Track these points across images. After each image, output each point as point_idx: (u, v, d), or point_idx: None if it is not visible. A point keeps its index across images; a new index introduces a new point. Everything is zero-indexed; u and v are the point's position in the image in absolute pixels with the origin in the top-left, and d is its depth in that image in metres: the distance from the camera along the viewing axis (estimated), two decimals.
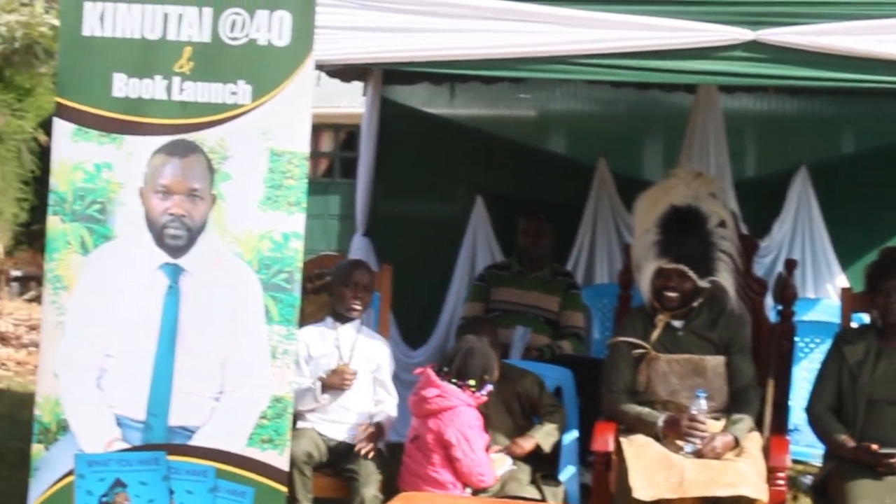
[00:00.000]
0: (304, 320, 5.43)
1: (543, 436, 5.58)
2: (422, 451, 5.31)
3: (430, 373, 5.38)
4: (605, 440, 5.28)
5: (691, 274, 5.34)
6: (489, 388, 5.39)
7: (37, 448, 5.01)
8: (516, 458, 5.51)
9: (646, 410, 5.32)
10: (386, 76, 8.27)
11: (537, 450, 5.55)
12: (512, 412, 5.71)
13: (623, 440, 5.23)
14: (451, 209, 8.81)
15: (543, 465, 5.59)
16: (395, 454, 5.64)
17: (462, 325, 6.19)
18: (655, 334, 5.44)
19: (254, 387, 4.80)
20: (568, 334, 7.14)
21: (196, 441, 4.83)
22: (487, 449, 5.40)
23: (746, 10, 4.69)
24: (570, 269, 8.00)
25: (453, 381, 5.34)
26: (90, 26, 4.93)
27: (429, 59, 4.93)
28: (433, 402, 5.30)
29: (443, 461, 5.25)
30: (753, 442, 5.23)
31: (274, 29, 4.78)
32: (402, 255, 7.41)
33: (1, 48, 19.06)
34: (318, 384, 5.56)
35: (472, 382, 5.33)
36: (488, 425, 5.48)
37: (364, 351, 5.72)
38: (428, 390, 5.32)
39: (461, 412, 5.28)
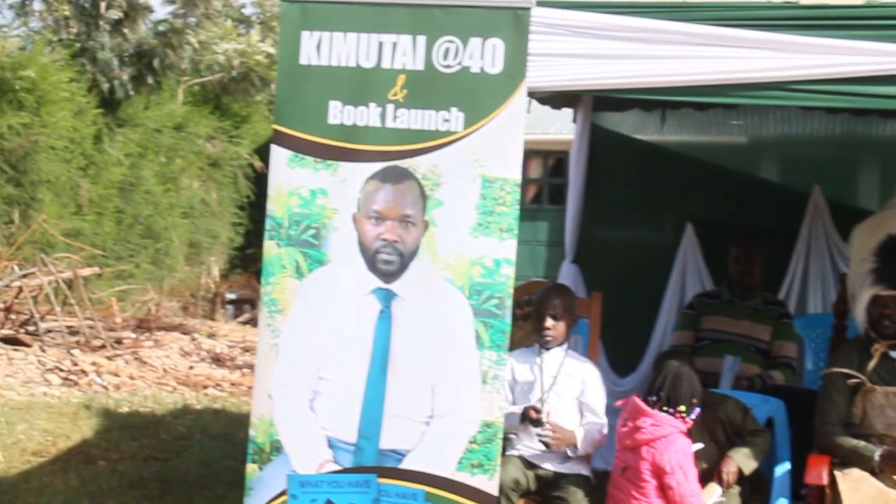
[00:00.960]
0: (514, 346, 5.41)
1: (743, 458, 5.43)
2: (633, 481, 5.22)
3: (639, 402, 5.31)
4: (818, 473, 5.13)
5: None
6: (697, 411, 5.30)
7: (251, 468, 5.11)
8: (726, 486, 5.40)
9: (861, 444, 5.16)
10: (596, 103, 8.23)
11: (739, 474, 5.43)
12: (716, 439, 5.58)
13: (837, 473, 5.09)
14: (661, 236, 8.71)
15: (754, 497, 5.46)
16: (601, 482, 5.58)
17: (659, 357, 6.10)
18: (871, 365, 5.28)
19: (464, 411, 4.82)
20: (780, 364, 6.96)
21: (406, 464, 4.87)
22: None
23: None
24: (783, 298, 7.81)
25: (664, 408, 5.26)
26: (307, 55, 5.03)
27: (641, 85, 4.88)
28: (647, 431, 5.21)
29: (656, 491, 5.17)
30: None
31: (487, 56, 4.81)
32: (611, 282, 7.36)
33: (218, 76, 19.70)
34: (519, 413, 5.55)
35: (682, 408, 5.25)
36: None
37: (569, 377, 5.67)
38: (641, 420, 5.25)
39: (675, 440, 5.20)
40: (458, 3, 4.92)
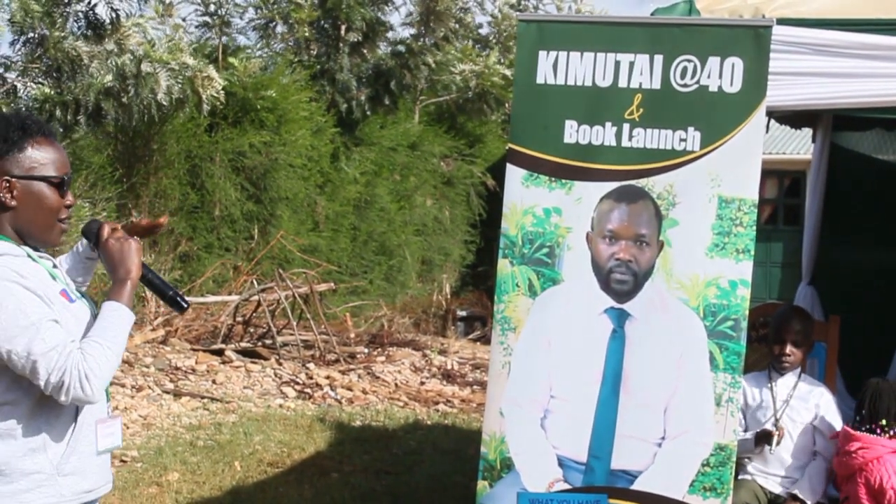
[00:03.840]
0: (747, 369, 5.34)
1: None
2: None
3: (848, 429, 5.23)
4: None
5: None
6: None
7: (481, 484, 5.14)
8: None
9: None
10: (836, 122, 8.03)
11: None
12: None
13: None
14: None
15: None
16: None
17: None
18: None
19: (697, 433, 4.75)
20: None
21: (638, 486, 4.82)
22: None
23: None
24: None
25: (865, 428, 5.16)
26: (543, 74, 5.05)
27: (884, 104, 4.76)
28: (857, 455, 5.13)
29: None
30: None
31: (725, 75, 4.74)
32: (850, 305, 7.17)
33: (455, 96, 19.96)
34: (752, 437, 5.46)
35: (883, 422, 5.14)
36: None
37: (802, 401, 5.57)
38: (850, 444, 5.16)
39: (887, 460, 5.09)
40: (698, 22, 4.87)
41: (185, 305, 3.50)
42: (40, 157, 3.22)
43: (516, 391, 5.06)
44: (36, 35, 12.80)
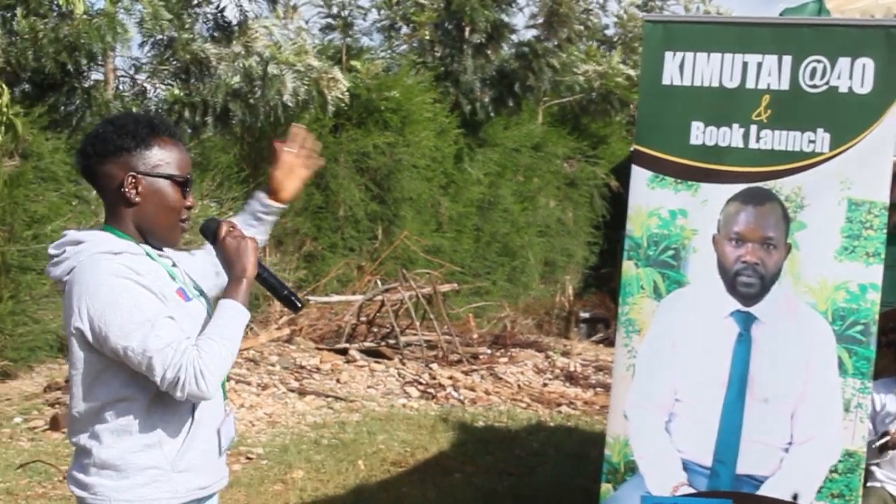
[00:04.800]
0: (877, 375, 5.24)
1: None
2: None
3: None
4: None
5: None
6: None
7: (605, 487, 5.13)
8: None
9: None
10: None
11: None
12: None
13: None
14: None
15: None
16: None
17: None
18: None
19: (825, 439, 4.69)
20: None
21: (764, 491, 4.77)
22: None
23: None
24: None
25: None
26: (670, 75, 5.02)
27: None
28: None
29: None
30: None
31: (856, 76, 4.67)
32: None
33: (578, 97, 19.91)
34: (878, 443, 5.37)
35: None
36: None
37: None
38: None
39: None
40: (828, 22, 4.81)
41: (300, 305, 3.49)
42: (166, 156, 3.26)
43: (641, 394, 5.04)
44: (165, 37, 13.07)
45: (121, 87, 13.46)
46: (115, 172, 3.24)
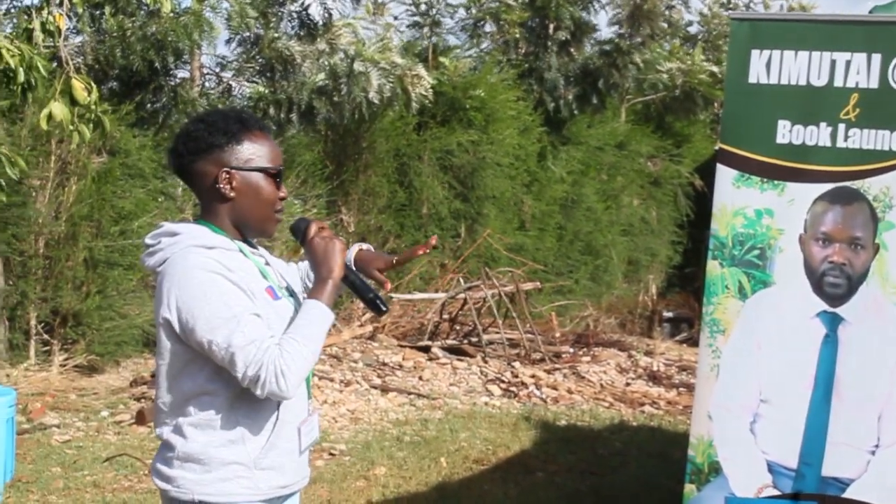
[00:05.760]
0: None
1: None
2: None
3: None
4: None
5: None
6: None
7: (689, 488, 5.11)
8: None
9: None
10: None
11: None
12: None
13: None
14: None
15: None
16: None
17: None
18: None
19: None
20: None
21: (850, 493, 4.72)
22: None
23: None
24: None
25: None
26: (756, 73, 4.98)
27: None
28: None
29: None
30: None
31: None
32: None
33: (662, 95, 19.79)
34: None
35: None
36: None
37: None
38: None
39: None
40: None
41: (385, 309, 3.45)
42: (257, 150, 3.29)
43: (725, 395, 5.01)
44: (251, 35, 13.19)
45: (206, 84, 13.62)
46: (208, 169, 3.27)
